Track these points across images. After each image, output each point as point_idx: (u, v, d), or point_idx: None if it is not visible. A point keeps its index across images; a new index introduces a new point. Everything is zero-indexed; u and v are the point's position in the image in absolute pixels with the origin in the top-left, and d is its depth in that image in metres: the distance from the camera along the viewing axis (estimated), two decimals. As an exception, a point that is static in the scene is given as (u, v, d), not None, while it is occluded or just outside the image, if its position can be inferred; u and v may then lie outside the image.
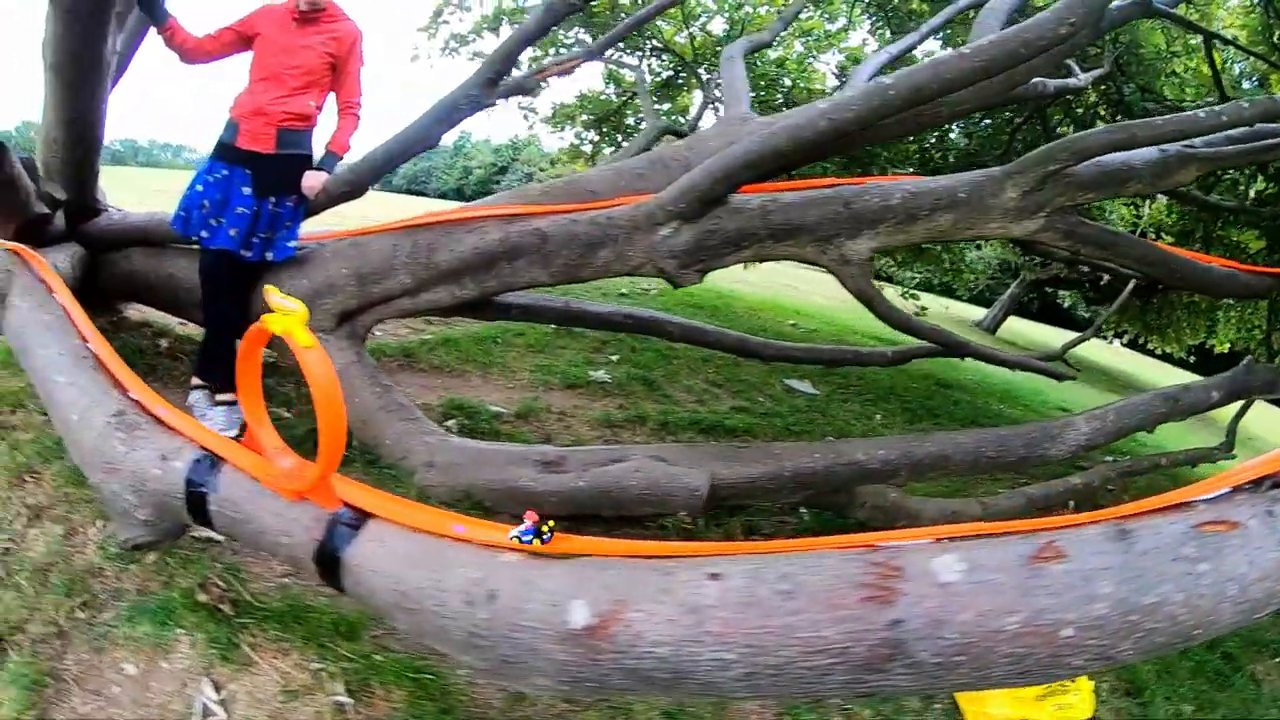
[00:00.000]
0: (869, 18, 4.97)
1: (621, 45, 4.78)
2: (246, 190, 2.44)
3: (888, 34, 4.49)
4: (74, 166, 2.63)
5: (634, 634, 0.94)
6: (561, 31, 5.05)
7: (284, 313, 1.18)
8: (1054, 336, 12.03)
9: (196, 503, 1.34)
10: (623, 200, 2.32)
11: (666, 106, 5.80)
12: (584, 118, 5.94)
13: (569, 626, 0.95)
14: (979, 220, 2.22)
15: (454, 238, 2.39)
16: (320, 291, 2.51)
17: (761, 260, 2.21)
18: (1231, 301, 4.98)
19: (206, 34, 2.48)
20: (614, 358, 3.80)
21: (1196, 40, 3.96)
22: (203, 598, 1.68)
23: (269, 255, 2.51)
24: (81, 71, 2.34)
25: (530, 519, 1.13)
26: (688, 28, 5.13)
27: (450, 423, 2.71)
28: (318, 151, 2.57)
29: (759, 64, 4.90)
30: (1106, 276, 5.56)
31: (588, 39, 5.12)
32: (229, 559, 1.86)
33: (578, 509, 2.04)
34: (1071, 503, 3.12)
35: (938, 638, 0.82)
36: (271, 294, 1.22)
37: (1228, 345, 6.11)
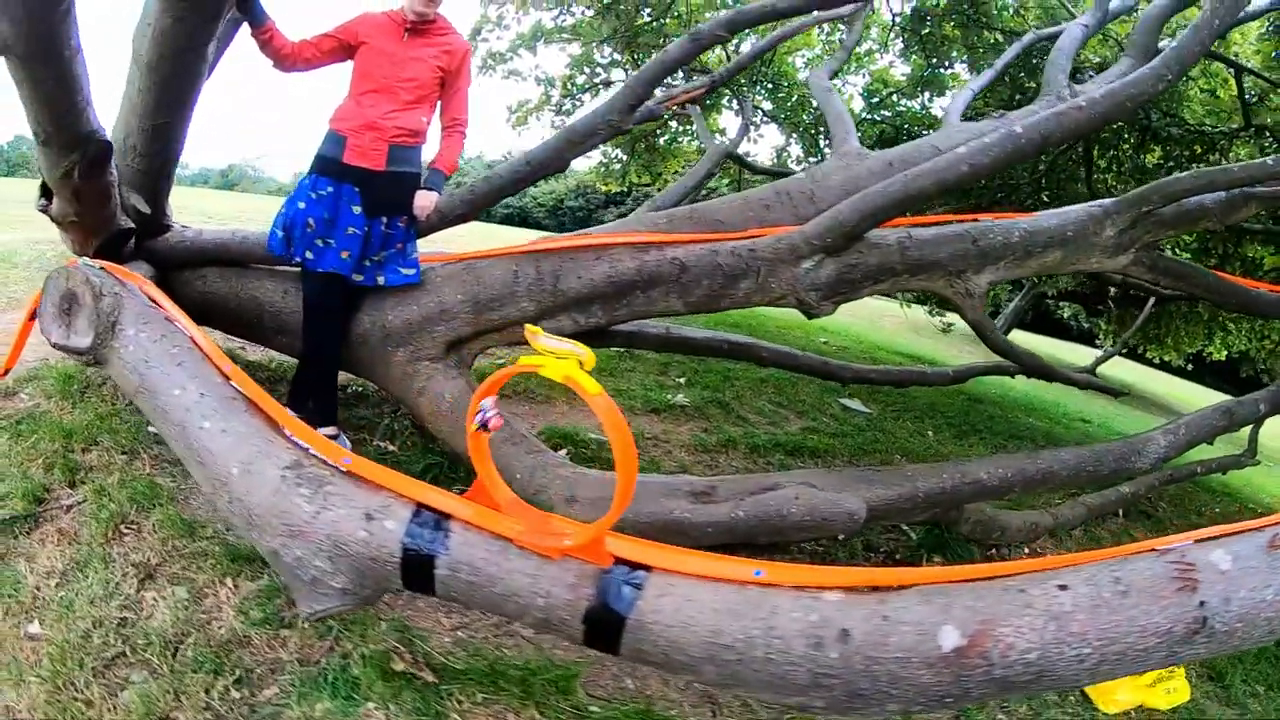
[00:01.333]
0: (901, 40, 5.45)
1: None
2: (356, 209, 2.44)
3: (918, 58, 4.97)
4: (150, 177, 2.57)
5: (1005, 646, 1.13)
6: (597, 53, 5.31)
7: (558, 355, 1.20)
8: (1052, 346, 13.05)
9: (419, 567, 1.28)
10: (758, 232, 2.55)
11: (695, 128, 6.14)
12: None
13: (940, 650, 1.11)
14: (1082, 256, 2.58)
15: (582, 265, 2.52)
16: (432, 318, 2.57)
17: (893, 293, 2.50)
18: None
19: (304, 40, 2.47)
20: (680, 380, 3.97)
21: (1215, 66, 4.61)
22: (399, 665, 1.61)
23: (380, 279, 2.53)
24: (181, 71, 2.26)
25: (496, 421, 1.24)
26: (724, 47, 5.46)
27: (561, 453, 2.85)
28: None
29: (786, 83, 5.30)
30: (1114, 290, 6.26)
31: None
32: (389, 615, 1.83)
33: (736, 539, 2.23)
34: (1120, 510, 3.59)
35: (1226, 612, 1.10)
36: (537, 335, 1.23)
37: (1224, 354, 7.02)
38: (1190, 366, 8.66)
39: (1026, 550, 2.81)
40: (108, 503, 2.05)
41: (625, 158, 6.78)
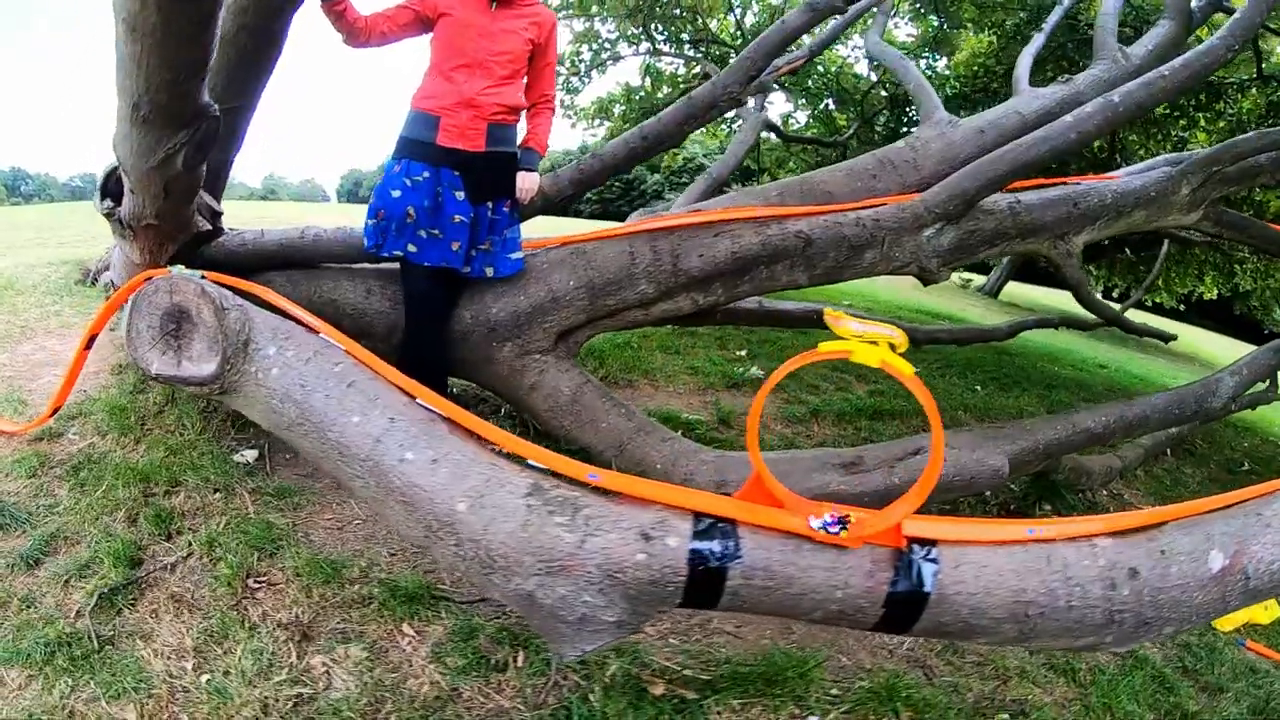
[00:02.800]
0: (913, 2, 5.76)
1: (664, 38, 5.13)
2: (460, 195, 2.38)
3: (934, 19, 5.30)
4: (212, 171, 2.43)
5: (1258, 561, 1.41)
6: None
7: (865, 338, 1.27)
8: (1047, 296, 13.99)
9: (708, 581, 1.26)
10: (871, 202, 2.76)
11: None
12: (619, 109, 6.22)
13: (1210, 573, 1.34)
14: (1161, 214, 2.93)
15: (702, 242, 2.63)
16: (542, 308, 2.60)
17: (1001, 256, 2.79)
18: (1248, 255, 6.54)
19: (377, 13, 2.40)
20: (741, 353, 4.14)
21: (1217, 16, 5.09)
22: (658, 690, 1.58)
23: (489, 270, 2.52)
24: (264, 44, 2.19)
25: (834, 511, 1.27)
26: (732, 12, 5.60)
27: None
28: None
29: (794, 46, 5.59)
30: (1107, 240, 6.95)
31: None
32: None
33: (883, 502, 2.48)
34: (1168, 450, 4.11)
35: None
36: (840, 319, 1.30)
37: (1215, 292, 7.94)
38: (1182, 307, 9.73)
39: (1105, 492, 3.23)
40: (223, 553, 1.90)
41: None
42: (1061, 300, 11.94)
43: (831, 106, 6.66)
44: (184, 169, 1.95)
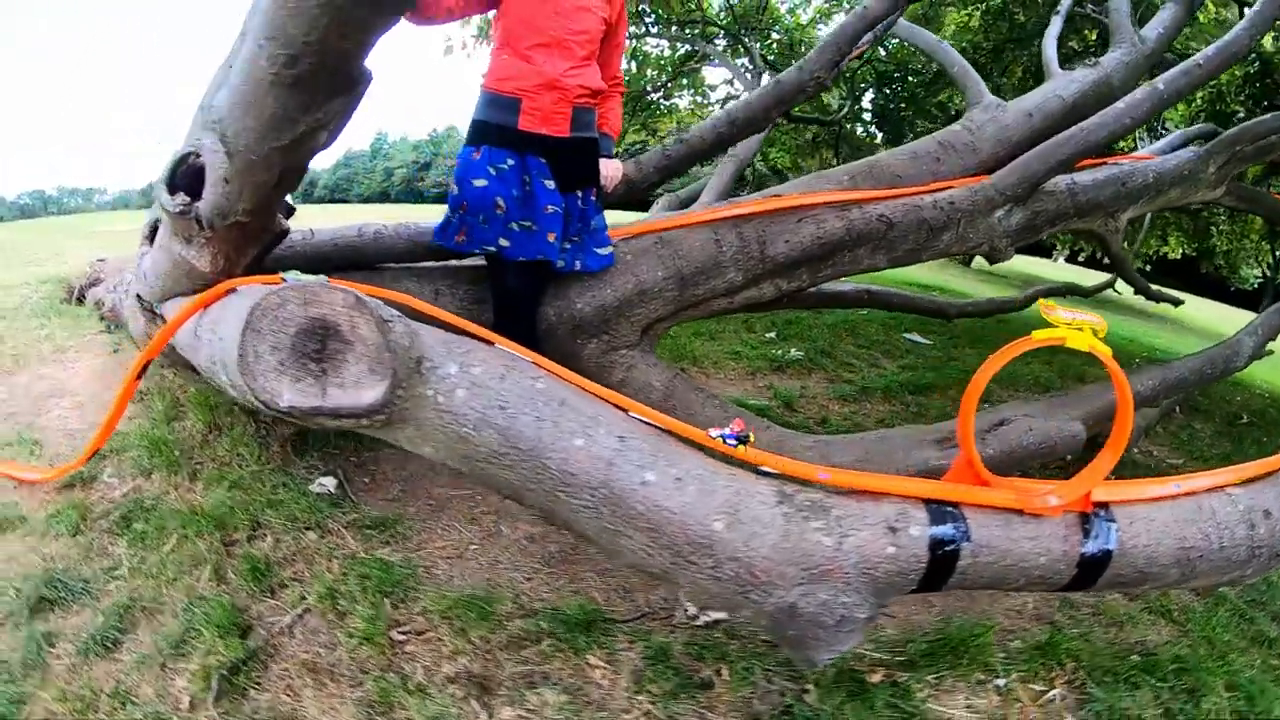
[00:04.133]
0: None
1: (652, 19, 5.22)
2: (549, 183, 2.33)
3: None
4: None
5: None
6: None
7: (1075, 325, 1.47)
8: (1015, 265, 15.01)
9: (943, 564, 1.37)
10: (939, 185, 3.01)
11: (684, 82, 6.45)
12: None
13: None
14: (1192, 190, 3.32)
15: (787, 228, 2.79)
16: (630, 300, 2.65)
17: (1060, 234, 3.12)
18: (1224, 216, 7.28)
19: None
20: (770, 335, 4.37)
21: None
22: (876, 678, 1.71)
23: (578, 263, 2.51)
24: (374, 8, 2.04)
25: (738, 426, 1.43)
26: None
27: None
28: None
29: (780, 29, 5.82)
30: None
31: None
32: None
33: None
34: (1177, 408, 4.64)
35: None
36: (1054, 308, 1.50)
37: (1180, 252, 8.79)
38: (1149, 267, 10.72)
39: (1136, 450, 3.68)
40: (348, 604, 1.77)
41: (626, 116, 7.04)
42: (1030, 266, 12.83)
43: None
44: (322, 147, 1.78)
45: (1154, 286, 4.25)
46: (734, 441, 1.38)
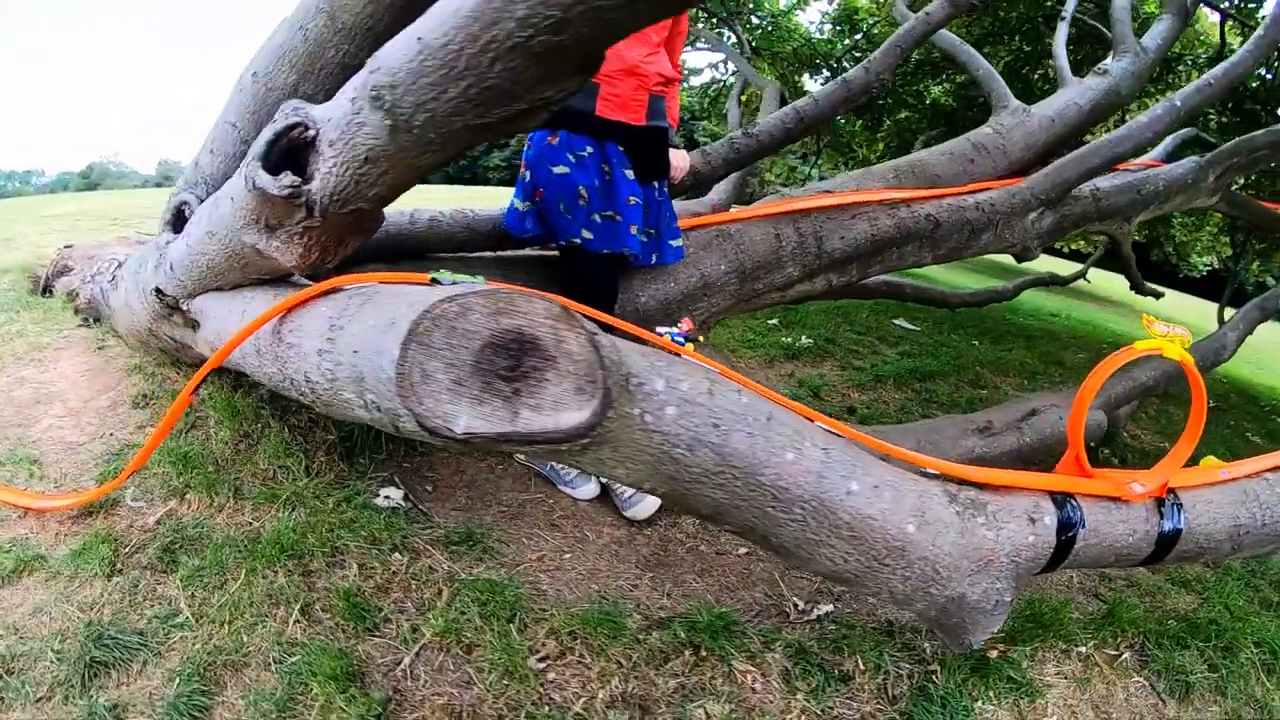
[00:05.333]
0: None
1: None
2: (629, 173, 2.34)
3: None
4: None
5: None
6: None
7: (1169, 338, 1.76)
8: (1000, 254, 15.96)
9: (1062, 549, 1.61)
10: (976, 186, 3.31)
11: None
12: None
13: None
14: (1193, 197, 3.73)
15: (841, 224, 2.99)
16: (693, 294, 2.78)
17: (1082, 235, 3.48)
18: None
19: None
20: (773, 322, 4.62)
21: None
22: (994, 654, 1.90)
23: (654, 257, 2.57)
24: None
25: (686, 325, 1.57)
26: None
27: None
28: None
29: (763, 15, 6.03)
30: None
31: None
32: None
33: (1020, 463, 3.10)
34: (1157, 396, 5.19)
35: None
36: (1153, 323, 1.78)
37: (1141, 235, 9.51)
38: (1102, 254, 11.66)
39: (1125, 434, 4.16)
40: (473, 635, 1.68)
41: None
42: (1005, 258, 13.63)
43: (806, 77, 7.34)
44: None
45: (1146, 284, 4.76)
46: (681, 340, 1.48)
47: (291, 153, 1.51)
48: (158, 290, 2.21)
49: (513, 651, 1.65)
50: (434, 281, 1.36)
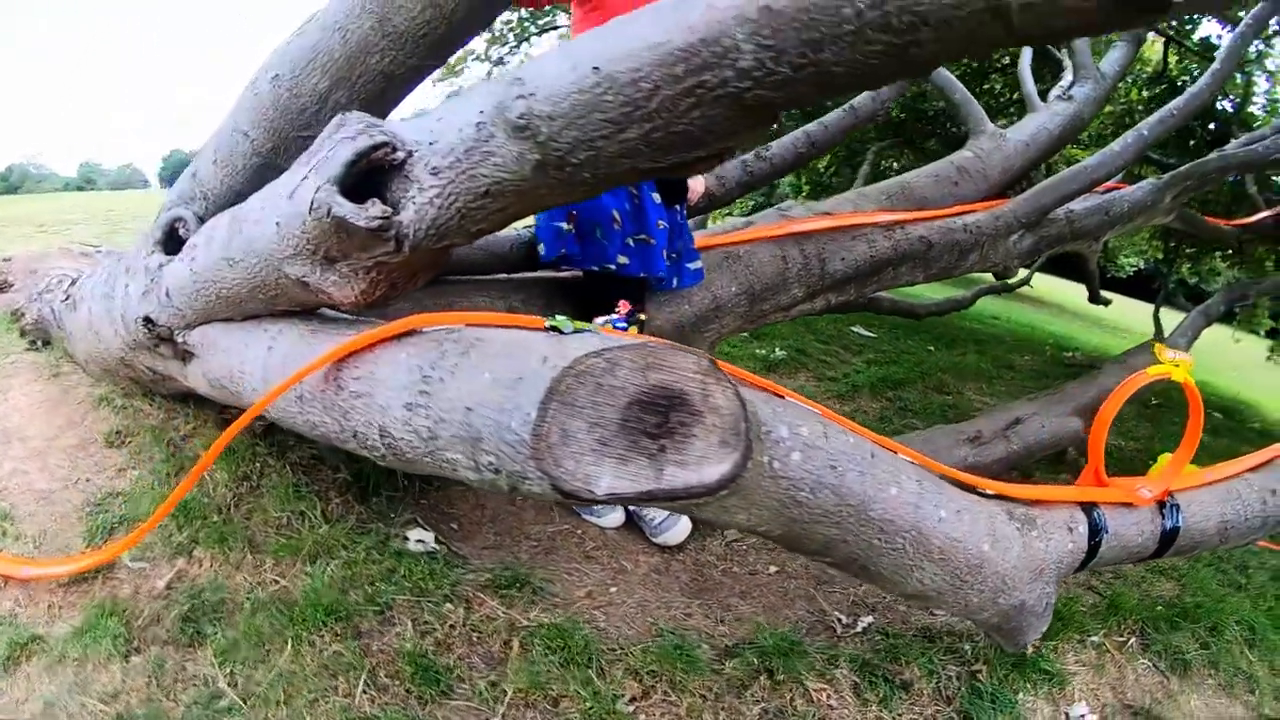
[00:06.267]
0: None
1: None
2: (655, 196, 2.38)
3: None
4: None
5: None
6: None
7: (1177, 363, 2.01)
8: None
9: (1093, 552, 1.85)
10: (962, 208, 3.58)
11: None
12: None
13: None
14: (1152, 216, 4.07)
15: (843, 246, 3.18)
16: (706, 316, 2.86)
17: (1052, 255, 3.84)
18: None
19: None
20: (743, 335, 4.91)
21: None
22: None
23: (676, 280, 2.61)
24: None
25: (625, 308, 1.72)
26: None
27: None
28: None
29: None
30: None
31: None
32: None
33: (1009, 469, 3.39)
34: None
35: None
36: (1164, 350, 2.03)
37: None
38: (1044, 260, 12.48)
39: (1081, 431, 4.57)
40: (579, 688, 1.68)
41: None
42: None
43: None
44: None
45: (1102, 292, 5.25)
46: (623, 325, 1.54)
47: (368, 175, 1.36)
48: (147, 319, 2.03)
49: (600, 698, 1.63)
50: (552, 329, 1.25)
